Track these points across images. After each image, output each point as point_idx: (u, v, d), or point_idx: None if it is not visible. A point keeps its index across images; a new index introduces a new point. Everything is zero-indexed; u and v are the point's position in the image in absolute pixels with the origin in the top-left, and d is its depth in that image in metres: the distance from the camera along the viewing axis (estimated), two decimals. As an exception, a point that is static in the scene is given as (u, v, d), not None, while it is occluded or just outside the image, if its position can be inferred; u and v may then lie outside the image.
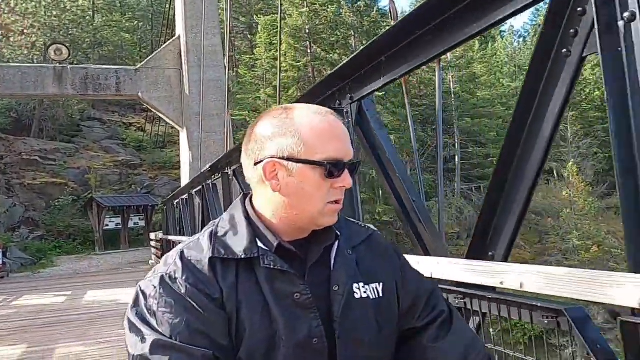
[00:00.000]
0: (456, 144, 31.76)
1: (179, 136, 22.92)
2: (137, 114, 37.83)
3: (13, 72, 18.35)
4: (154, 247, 18.75)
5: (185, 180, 18.57)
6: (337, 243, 1.13)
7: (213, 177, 7.85)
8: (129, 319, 1.04)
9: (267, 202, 1.10)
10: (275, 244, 1.07)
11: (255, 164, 1.09)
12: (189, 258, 1.06)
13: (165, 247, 14.78)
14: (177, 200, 13.61)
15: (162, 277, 1.04)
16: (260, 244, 1.07)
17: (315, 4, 29.38)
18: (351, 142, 1.11)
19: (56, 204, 28.09)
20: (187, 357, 0.97)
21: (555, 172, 29.09)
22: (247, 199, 1.16)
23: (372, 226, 1.28)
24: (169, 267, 1.06)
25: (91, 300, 11.61)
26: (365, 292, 1.11)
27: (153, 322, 1.01)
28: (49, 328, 8.61)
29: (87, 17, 36.03)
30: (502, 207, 2.16)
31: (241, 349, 1.02)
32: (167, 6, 26.02)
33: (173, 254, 1.09)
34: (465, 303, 2.08)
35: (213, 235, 1.09)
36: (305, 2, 29.64)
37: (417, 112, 30.08)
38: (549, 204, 26.38)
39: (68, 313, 10.04)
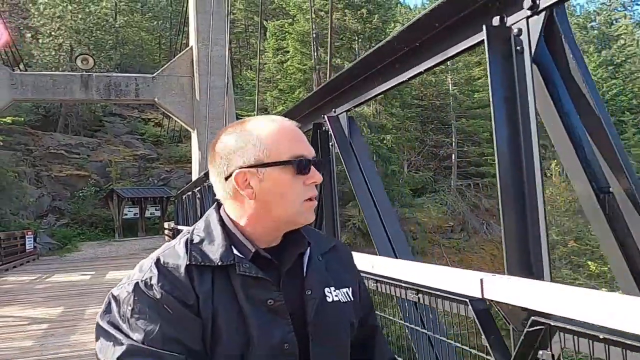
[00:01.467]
0: (453, 143, 33.52)
1: (191, 134, 25.20)
2: (155, 110, 40.08)
3: (45, 79, 20.89)
4: (167, 235, 21.04)
5: (195, 176, 20.82)
6: (308, 250, 1.16)
7: (208, 180, 10.00)
8: (99, 325, 1.04)
9: (242, 212, 1.12)
10: (252, 252, 1.09)
11: (226, 178, 1.11)
12: (165, 265, 1.07)
13: (176, 235, 17.06)
14: (185, 195, 15.86)
15: (136, 284, 1.05)
16: (235, 252, 1.09)
17: (321, 11, 31.33)
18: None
19: (80, 194, 30.53)
20: None
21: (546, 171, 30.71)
22: (222, 208, 1.17)
23: (333, 237, 1.35)
24: (144, 273, 1.06)
25: (112, 278, 13.84)
26: (336, 296, 1.15)
27: (125, 328, 1.01)
28: (79, 297, 10.88)
29: (110, 20, 38.40)
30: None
31: (216, 354, 1.03)
32: (182, 20, 28.22)
33: (148, 262, 1.09)
34: (419, 298, 2.20)
35: (189, 243, 1.10)
36: (312, 9, 31.62)
37: (414, 114, 31.91)
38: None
39: (93, 287, 12.30)
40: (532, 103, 1.87)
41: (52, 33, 34.13)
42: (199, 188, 11.57)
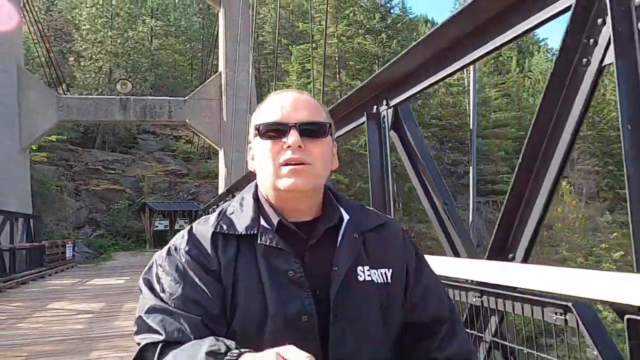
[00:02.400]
0: (472, 161, 34.52)
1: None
2: (186, 128, 42.24)
3: (88, 102, 23.06)
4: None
5: (221, 190, 22.50)
6: (343, 226, 1.16)
7: (228, 197, 11.54)
8: (140, 283, 1.14)
9: (259, 184, 1.19)
10: (275, 222, 1.12)
11: None
12: (195, 233, 1.14)
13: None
14: (211, 208, 17.49)
15: (169, 249, 1.14)
16: (262, 222, 1.13)
17: (343, 36, 33.03)
18: (322, 111, 1.17)
19: (115, 207, 32.55)
20: (176, 319, 1.03)
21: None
22: None
23: (390, 217, 1.31)
24: (177, 240, 1.15)
25: (144, 282, 15.46)
26: (369, 276, 1.13)
27: (157, 288, 1.09)
28: (117, 296, 12.49)
29: (146, 43, 40.89)
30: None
31: (235, 320, 1.06)
32: (213, 42, 30.26)
33: (185, 230, 1.17)
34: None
35: (222, 213, 1.17)
36: (335, 34, 33.35)
37: (431, 133, 33.16)
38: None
39: (129, 289, 13.90)
40: (388, 151, 3.52)
41: (93, 56, 36.69)
42: (223, 202, 13.10)
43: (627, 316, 1.51)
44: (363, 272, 1.12)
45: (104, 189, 33.46)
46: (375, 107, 3.65)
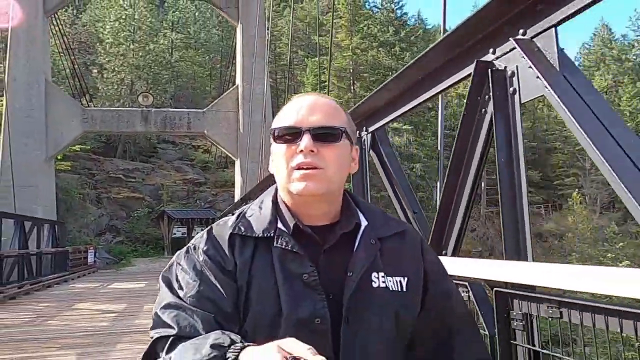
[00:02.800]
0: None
1: (235, 162, 27.85)
2: (204, 138, 43.39)
3: (111, 114, 24.12)
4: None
5: (237, 199, 23.26)
6: (361, 231, 1.16)
7: (243, 205, 12.28)
8: (159, 282, 1.17)
9: (278, 188, 1.20)
10: (292, 226, 1.13)
11: None
12: (214, 233, 1.16)
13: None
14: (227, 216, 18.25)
15: (188, 248, 1.17)
16: (280, 225, 1.14)
17: (358, 49, 33.79)
18: (333, 116, 1.16)
19: (134, 214, 33.54)
20: (190, 316, 1.06)
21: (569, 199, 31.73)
22: None
23: (409, 224, 1.35)
24: (197, 239, 1.18)
25: (163, 287, 16.21)
26: (384, 282, 1.13)
27: (175, 285, 1.13)
28: (137, 298, 13.22)
29: (167, 56, 42.13)
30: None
31: (247, 320, 1.08)
32: (231, 54, 31.21)
33: (205, 230, 1.20)
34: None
35: (241, 215, 1.19)
36: (350, 47, 34.14)
37: (445, 143, 33.57)
38: (555, 227, 29.20)
39: (148, 291, 14.64)
40: (367, 167, 4.28)
41: (116, 69, 38.00)
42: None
43: (495, 288, 2.07)
44: (378, 278, 1.13)
45: (125, 197, 34.50)
46: (357, 132, 4.29)
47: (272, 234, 1.12)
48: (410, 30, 34.55)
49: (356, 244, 1.15)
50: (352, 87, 34.19)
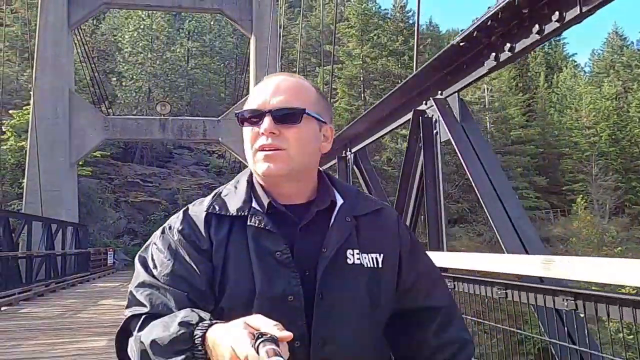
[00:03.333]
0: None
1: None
2: (219, 144, 44.63)
3: (131, 122, 25.37)
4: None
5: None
6: (336, 209, 1.17)
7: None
8: (135, 262, 1.17)
9: None
10: (266, 204, 1.14)
11: None
12: (190, 213, 1.17)
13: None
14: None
15: (164, 228, 1.18)
16: (254, 204, 1.15)
17: (368, 57, 34.73)
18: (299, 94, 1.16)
19: (151, 218, 34.67)
20: (163, 294, 1.07)
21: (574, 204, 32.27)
22: None
23: (386, 203, 1.31)
24: (172, 219, 1.19)
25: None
26: (359, 259, 1.14)
27: (150, 265, 1.13)
28: (156, 296, 14.25)
29: (183, 64, 43.44)
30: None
31: (223, 298, 1.09)
32: (244, 67, 32.34)
33: (181, 210, 1.20)
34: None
35: (216, 195, 1.20)
36: (360, 56, 35.09)
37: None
38: (562, 232, 29.81)
39: (166, 291, 15.67)
40: (351, 181, 5.41)
41: (134, 77, 39.37)
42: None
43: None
44: (353, 255, 1.13)
45: (142, 201, 35.71)
46: (343, 152, 5.77)
47: (246, 213, 1.13)
48: (419, 38, 35.35)
49: (331, 221, 1.16)
50: (362, 95, 35.11)
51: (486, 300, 2.58)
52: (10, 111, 26.68)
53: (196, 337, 0.95)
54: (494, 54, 3.18)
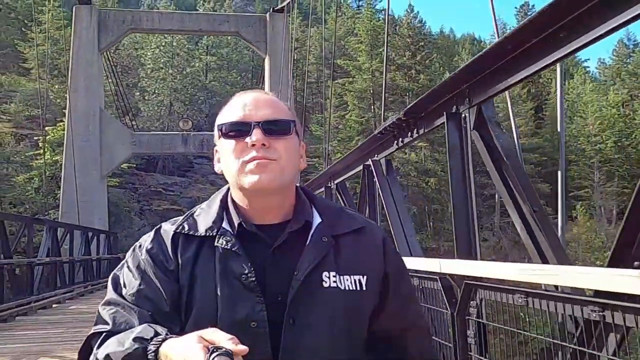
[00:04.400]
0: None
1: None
2: (236, 154, 46.34)
3: (156, 138, 27.65)
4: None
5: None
6: (312, 229, 1.13)
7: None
8: (108, 280, 1.16)
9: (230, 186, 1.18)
10: (236, 224, 1.12)
11: None
12: (161, 232, 1.15)
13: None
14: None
15: (135, 246, 1.16)
16: (224, 225, 1.12)
17: (377, 71, 36.49)
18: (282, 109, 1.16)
19: (174, 225, 36.74)
20: (127, 313, 1.06)
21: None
22: None
23: (372, 221, 1.26)
24: (144, 237, 1.17)
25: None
26: (335, 282, 1.09)
27: (121, 283, 1.12)
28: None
29: (202, 77, 45.65)
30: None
31: (189, 320, 1.07)
32: (259, 80, 34.39)
33: (155, 228, 1.18)
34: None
35: (189, 215, 1.18)
36: (370, 69, 36.87)
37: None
38: (569, 237, 31.23)
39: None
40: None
41: (156, 91, 41.68)
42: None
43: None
44: (329, 277, 1.08)
45: (164, 209, 37.74)
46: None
47: (214, 233, 1.10)
48: (425, 54, 37.10)
49: (307, 242, 1.10)
50: (372, 107, 36.86)
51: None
52: (46, 128, 28.93)
53: (149, 352, 0.94)
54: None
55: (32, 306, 11.63)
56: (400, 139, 5.03)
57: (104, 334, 1.05)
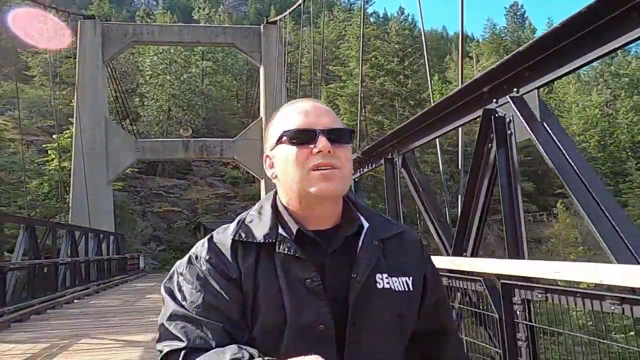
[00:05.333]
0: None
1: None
2: (234, 160, 48.09)
3: (158, 144, 29.36)
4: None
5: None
6: (363, 233, 1.17)
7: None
8: (162, 293, 1.15)
9: (281, 192, 1.19)
10: (294, 231, 1.13)
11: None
12: (215, 241, 1.15)
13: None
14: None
15: (190, 257, 1.16)
16: (281, 231, 1.13)
17: (367, 76, 38.19)
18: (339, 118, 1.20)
19: (174, 226, 38.40)
20: (198, 326, 1.06)
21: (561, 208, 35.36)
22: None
23: (405, 226, 1.31)
24: (197, 248, 1.17)
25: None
26: (388, 283, 1.14)
27: (179, 296, 1.10)
28: (188, 291, 17.73)
29: (198, 83, 47.24)
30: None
31: (255, 327, 1.07)
32: (254, 83, 36.07)
33: (205, 239, 1.18)
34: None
35: (240, 222, 1.17)
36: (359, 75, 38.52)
37: (448, 158, 37.66)
38: (551, 233, 32.90)
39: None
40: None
41: (155, 97, 43.24)
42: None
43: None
44: (382, 279, 1.13)
45: (165, 211, 39.42)
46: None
47: (274, 240, 1.12)
48: (413, 59, 38.78)
49: (359, 245, 1.15)
50: (363, 111, 38.51)
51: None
52: (54, 136, 30.52)
53: None
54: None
55: (59, 301, 13.29)
56: (361, 168, 7.00)
57: (183, 351, 1.05)
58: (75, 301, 14.84)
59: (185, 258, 1.17)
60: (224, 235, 1.16)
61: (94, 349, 7.31)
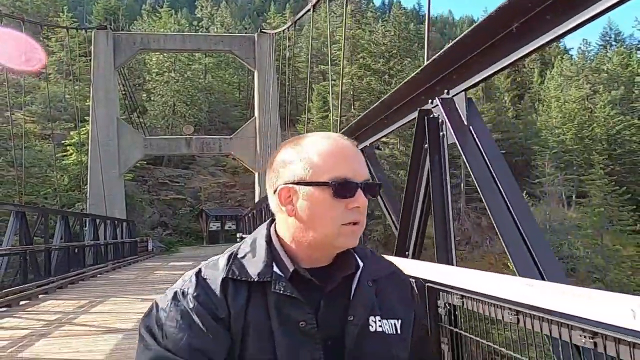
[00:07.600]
0: (462, 174, 42.23)
1: (256, 172, 36.30)
2: (231, 155, 51.54)
3: (164, 142, 33.17)
4: (238, 243, 32.06)
5: (257, 200, 31.52)
6: (358, 273, 1.13)
7: (264, 203, 20.08)
8: (139, 330, 1.08)
9: (286, 227, 1.11)
10: (290, 270, 1.07)
11: (274, 191, 1.11)
12: (204, 276, 1.08)
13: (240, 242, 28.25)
14: (250, 214, 26.31)
15: (175, 293, 1.08)
16: (275, 269, 1.07)
17: (355, 76, 41.49)
18: (367, 164, 1.13)
19: (179, 212, 42.08)
20: None
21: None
22: (273, 225, 1.16)
23: (394, 262, 1.27)
24: (184, 283, 1.09)
25: (204, 264, 24.42)
26: (380, 327, 1.10)
27: (159, 334, 1.04)
28: (190, 268, 21.36)
29: (201, 79, 50.70)
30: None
31: None
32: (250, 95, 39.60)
33: (191, 272, 1.12)
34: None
35: (232, 257, 1.11)
36: (350, 74, 41.83)
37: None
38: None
39: (194, 265, 22.59)
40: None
41: (160, 93, 46.74)
42: (257, 209, 21.71)
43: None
44: (375, 322, 1.10)
45: (171, 199, 43.00)
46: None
47: (268, 279, 1.06)
48: (397, 60, 41.96)
49: (354, 286, 1.11)
50: (352, 107, 41.87)
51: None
52: (71, 133, 34.18)
53: None
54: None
55: (87, 274, 16.99)
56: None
57: None
58: (98, 275, 18.53)
59: (170, 293, 1.09)
60: (214, 271, 1.10)
61: (120, 303, 10.94)
